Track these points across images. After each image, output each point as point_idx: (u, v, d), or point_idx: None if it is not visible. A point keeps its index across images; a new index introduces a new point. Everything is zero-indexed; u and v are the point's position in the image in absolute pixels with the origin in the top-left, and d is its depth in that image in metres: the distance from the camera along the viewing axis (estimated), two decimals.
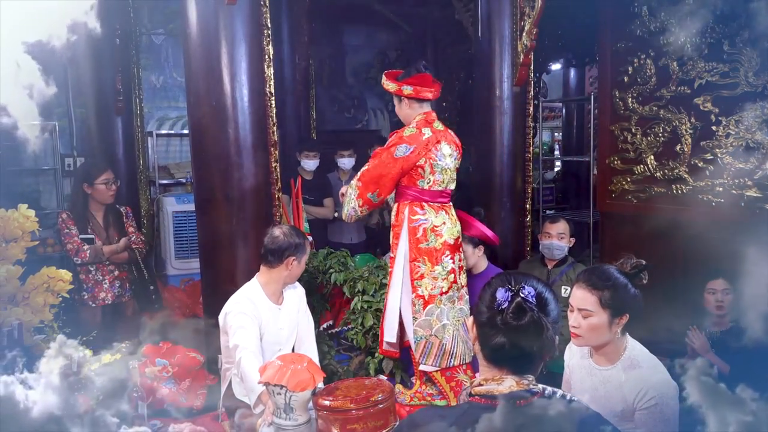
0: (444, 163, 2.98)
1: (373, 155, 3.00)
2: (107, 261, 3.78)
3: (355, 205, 2.97)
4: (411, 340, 3.01)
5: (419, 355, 2.98)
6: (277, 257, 2.79)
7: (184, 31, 3.16)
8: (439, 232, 2.97)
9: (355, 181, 2.98)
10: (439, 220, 2.99)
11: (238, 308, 2.73)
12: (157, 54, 5.94)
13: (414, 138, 2.92)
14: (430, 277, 2.95)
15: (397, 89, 2.96)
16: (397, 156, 2.89)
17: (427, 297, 2.95)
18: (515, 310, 1.32)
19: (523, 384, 1.33)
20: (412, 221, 2.96)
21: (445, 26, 6.48)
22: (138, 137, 4.86)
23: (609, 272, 2.02)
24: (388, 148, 2.94)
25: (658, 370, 1.98)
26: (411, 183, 2.96)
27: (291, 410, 2.29)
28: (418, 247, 2.95)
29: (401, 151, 2.90)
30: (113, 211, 3.91)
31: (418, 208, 2.97)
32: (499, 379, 1.35)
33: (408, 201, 2.98)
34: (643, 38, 3.93)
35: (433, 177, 2.96)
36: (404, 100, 2.99)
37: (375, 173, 2.92)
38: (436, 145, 2.94)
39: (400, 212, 3.00)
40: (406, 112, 3.02)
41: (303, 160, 4.85)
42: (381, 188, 2.93)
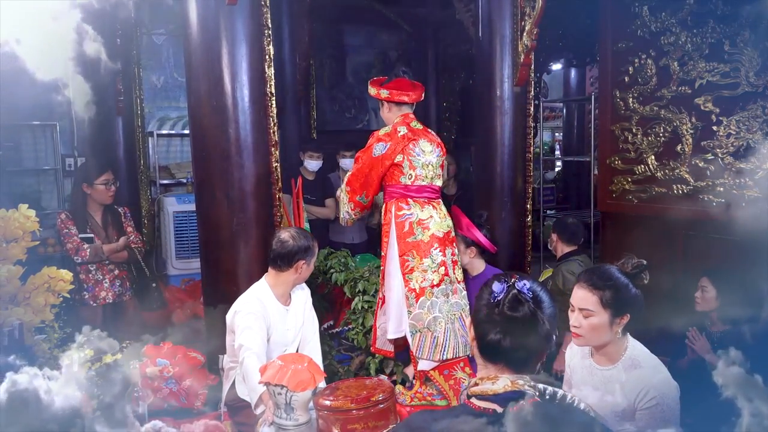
0: (425, 159, 3.09)
1: (355, 160, 3.16)
2: (107, 260, 3.79)
3: (348, 209, 3.18)
4: (408, 334, 3.03)
5: (416, 348, 3.02)
6: (286, 262, 2.79)
7: (185, 31, 3.16)
8: (426, 225, 3.06)
9: (344, 186, 3.17)
10: (425, 214, 3.08)
11: (248, 308, 2.73)
12: (157, 54, 5.95)
13: (389, 135, 3.08)
14: (419, 270, 3.02)
15: (375, 93, 3.16)
16: (375, 155, 3.06)
17: (418, 290, 3.01)
18: (511, 301, 1.35)
19: (518, 384, 1.31)
20: (398, 216, 3.07)
21: (446, 26, 6.48)
22: (139, 137, 4.86)
23: (610, 272, 2.03)
24: (366, 149, 3.10)
25: (659, 370, 1.98)
26: (394, 181, 3.09)
27: (292, 410, 2.29)
28: (405, 241, 3.04)
29: (378, 149, 3.06)
30: (111, 211, 3.92)
31: (404, 204, 3.08)
32: (493, 378, 1.34)
33: (394, 198, 3.10)
34: (644, 38, 3.93)
35: (415, 172, 3.07)
36: (385, 104, 3.16)
37: (359, 175, 3.10)
38: (413, 141, 3.07)
39: (388, 210, 3.12)
40: (387, 116, 3.19)
41: (306, 160, 4.85)
42: (367, 189, 3.10)
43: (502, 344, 1.35)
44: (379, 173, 3.07)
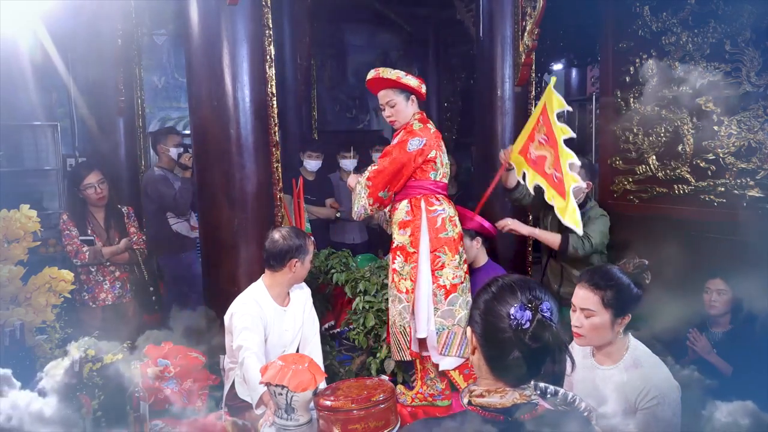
0: (445, 156, 3.08)
1: (383, 154, 3.02)
2: (107, 262, 3.78)
3: (366, 203, 3.01)
4: (432, 332, 2.99)
5: (441, 346, 2.98)
6: (278, 261, 2.79)
7: (186, 31, 3.17)
8: (455, 222, 3.05)
9: (364, 181, 3.01)
10: (452, 211, 3.06)
11: (244, 309, 2.74)
12: (158, 54, 5.96)
13: (424, 131, 2.98)
14: (451, 267, 2.99)
15: (417, 85, 3.00)
16: (410, 150, 2.94)
17: (449, 286, 2.98)
18: (536, 329, 1.25)
19: (525, 396, 1.29)
20: (430, 212, 2.99)
21: (447, 26, 6.49)
22: (140, 138, 4.86)
23: (611, 272, 2.03)
24: (399, 144, 2.97)
25: (660, 370, 1.98)
26: (424, 176, 3.00)
27: (292, 410, 2.29)
28: (438, 237, 2.99)
29: (414, 144, 2.94)
30: (114, 212, 3.89)
31: (434, 200, 3.02)
32: (502, 392, 1.30)
33: (421, 195, 3.01)
34: (645, 38, 3.93)
35: (443, 169, 3.05)
36: (411, 98, 3.03)
37: (388, 171, 2.95)
38: (440, 137, 3.06)
39: (415, 206, 3.00)
40: (407, 111, 3.04)
41: (306, 160, 4.86)
42: (393, 185, 2.98)
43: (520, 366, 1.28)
44: (411, 169, 2.96)
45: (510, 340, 1.26)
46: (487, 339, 1.32)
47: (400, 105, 3.01)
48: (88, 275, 3.76)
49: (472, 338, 1.36)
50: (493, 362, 1.32)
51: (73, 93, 5.20)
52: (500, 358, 1.29)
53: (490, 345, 1.31)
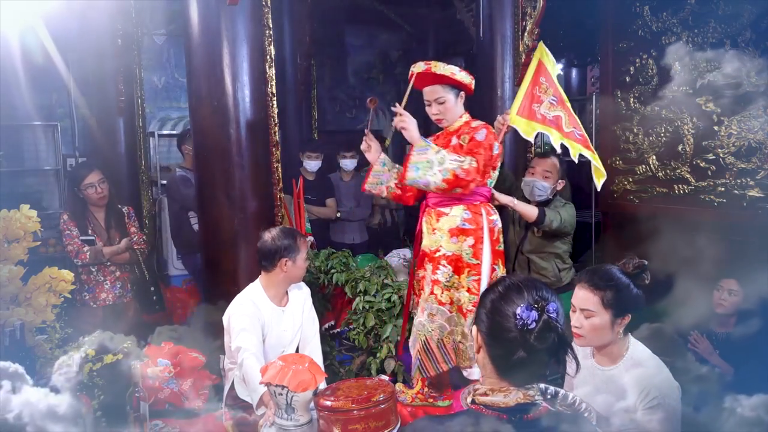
0: None
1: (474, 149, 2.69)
2: (108, 262, 3.78)
3: (437, 180, 2.60)
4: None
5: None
6: (269, 261, 2.80)
7: (186, 31, 3.17)
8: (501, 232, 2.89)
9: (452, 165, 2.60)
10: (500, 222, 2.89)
11: (241, 310, 2.75)
12: (158, 54, 5.95)
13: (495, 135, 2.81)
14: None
15: (470, 82, 2.80)
16: (495, 153, 2.76)
17: None
18: (542, 330, 1.26)
19: (529, 396, 1.30)
20: (490, 222, 2.79)
21: (447, 26, 6.48)
22: (140, 138, 4.87)
23: (611, 272, 2.02)
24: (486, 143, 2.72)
25: (661, 370, 1.98)
26: (483, 182, 2.80)
27: (292, 411, 2.29)
28: (495, 249, 2.81)
29: (496, 147, 2.77)
30: (114, 212, 3.89)
31: (491, 209, 2.85)
32: (506, 391, 1.31)
33: (480, 202, 2.81)
34: (645, 38, 3.93)
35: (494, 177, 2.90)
36: (461, 95, 2.83)
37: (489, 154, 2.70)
38: None
39: (476, 213, 2.78)
40: (459, 109, 2.84)
41: (305, 160, 4.86)
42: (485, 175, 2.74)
43: (525, 366, 1.29)
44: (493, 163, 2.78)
45: (515, 339, 1.27)
46: (492, 338, 1.32)
47: (449, 102, 2.78)
48: (89, 275, 3.76)
49: (478, 337, 1.37)
50: (498, 361, 1.33)
51: (73, 93, 5.21)
52: (505, 357, 1.30)
53: (496, 344, 1.32)
